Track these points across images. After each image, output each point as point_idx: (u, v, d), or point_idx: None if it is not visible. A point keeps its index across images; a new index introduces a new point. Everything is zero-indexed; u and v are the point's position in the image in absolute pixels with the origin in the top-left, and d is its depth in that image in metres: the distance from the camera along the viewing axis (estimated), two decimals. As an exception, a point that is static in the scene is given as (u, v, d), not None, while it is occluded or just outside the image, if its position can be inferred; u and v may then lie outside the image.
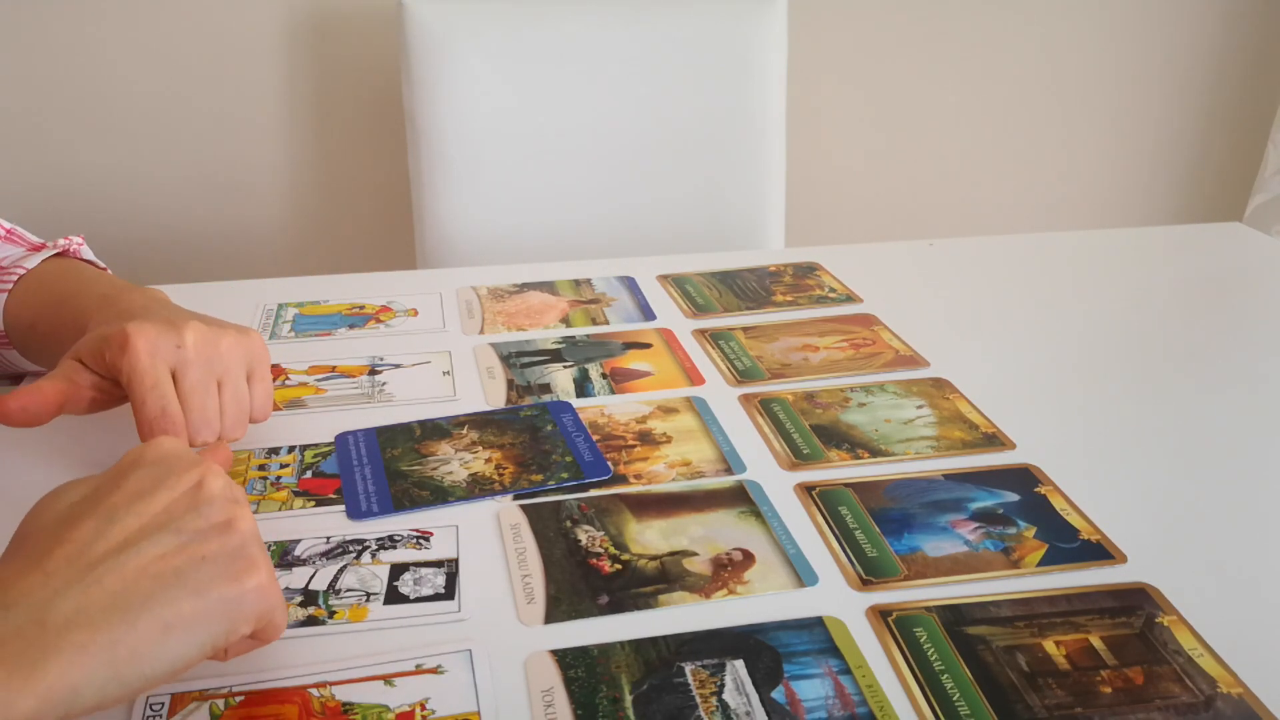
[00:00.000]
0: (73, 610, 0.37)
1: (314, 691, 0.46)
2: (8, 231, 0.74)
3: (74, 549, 0.40)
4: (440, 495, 0.60)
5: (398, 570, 0.54)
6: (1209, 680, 0.48)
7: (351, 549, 0.56)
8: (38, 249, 0.72)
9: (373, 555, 0.55)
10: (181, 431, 0.57)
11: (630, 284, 0.90)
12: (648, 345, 0.79)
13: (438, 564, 0.55)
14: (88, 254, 0.74)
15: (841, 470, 0.63)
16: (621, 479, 0.62)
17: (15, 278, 0.68)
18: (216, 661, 0.45)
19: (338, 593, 0.52)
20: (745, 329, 0.82)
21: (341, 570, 0.54)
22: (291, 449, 0.65)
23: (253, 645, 0.45)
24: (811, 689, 0.47)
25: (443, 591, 0.53)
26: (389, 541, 0.56)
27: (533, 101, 1.25)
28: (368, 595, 0.52)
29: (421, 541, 0.56)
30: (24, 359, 0.70)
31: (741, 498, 0.60)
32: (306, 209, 1.57)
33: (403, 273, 0.95)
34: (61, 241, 0.73)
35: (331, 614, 0.51)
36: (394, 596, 0.52)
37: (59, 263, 0.71)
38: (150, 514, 0.42)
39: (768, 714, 0.46)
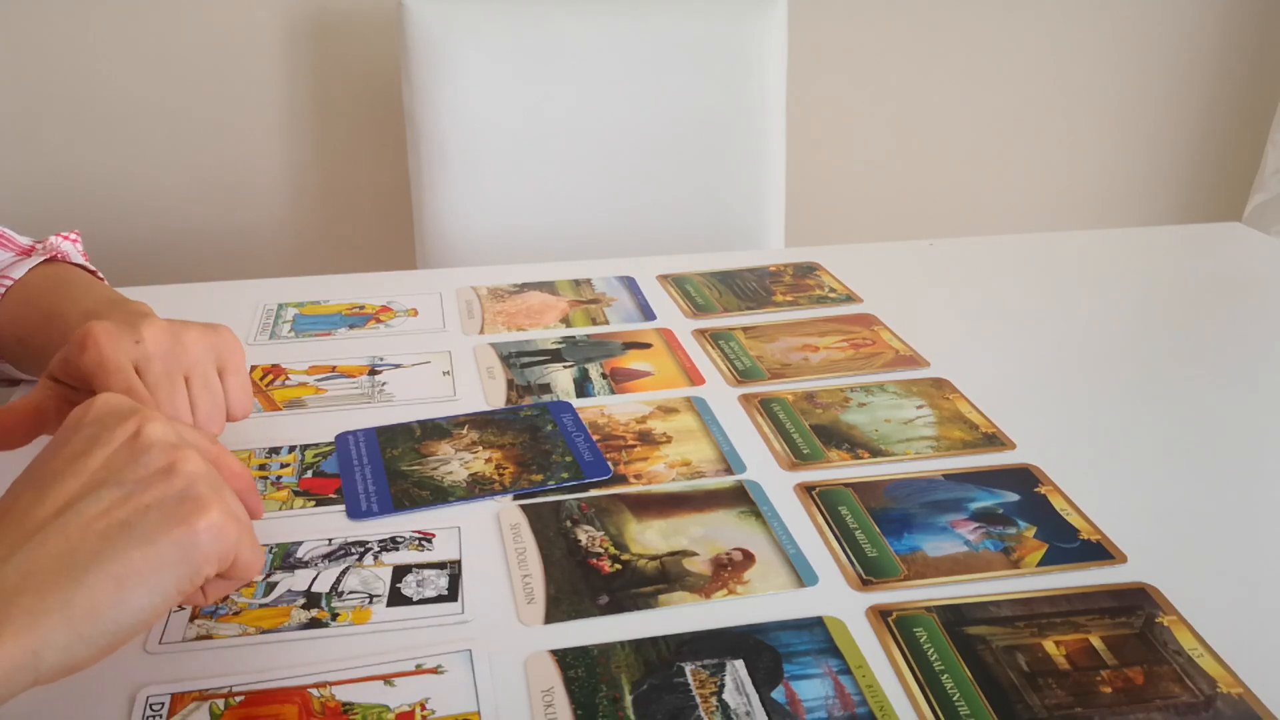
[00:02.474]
0: (18, 576, 0.37)
1: (314, 691, 0.46)
2: None
3: (14, 518, 0.39)
4: (440, 495, 0.60)
5: (400, 572, 0.54)
6: (1209, 680, 0.48)
7: (354, 551, 0.56)
8: (27, 252, 0.71)
9: (375, 557, 0.55)
10: None
11: (630, 284, 0.90)
12: (648, 345, 0.79)
13: (440, 565, 0.55)
14: (77, 257, 0.73)
15: (841, 470, 0.63)
16: (621, 479, 0.62)
17: (3, 289, 0.67)
18: (198, 604, 0.47)
19: (340, 595, 0.52)
20: (745, 329, 0.82)
21: (344, 572, 0.54)
22: (292, 449, 0.65)
23: (229, 585, 0.46)
24: (811, 689, 0.47)
25: (446, 593, 0.53)
26: (391, 543, 0.56)
27: (533, 101, 1.25)
28: (370, 597, 0.52)
29: (424, 543, 0.56)
30: (17, 371, 0.70)
31: (741, 498, 0.61)
32: (306, 209, 1.57)
33: (403, 273, 0.95)
34: (52, 241, 0.72)
35: (335, 616, 0.51)
36: (397, 599, 0.52)
37: (48, 271, 0.69)
38: (88, 472, 0.41)
39: (768, 714, 0.46)
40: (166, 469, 0.42)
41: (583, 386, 0.73)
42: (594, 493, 0.61)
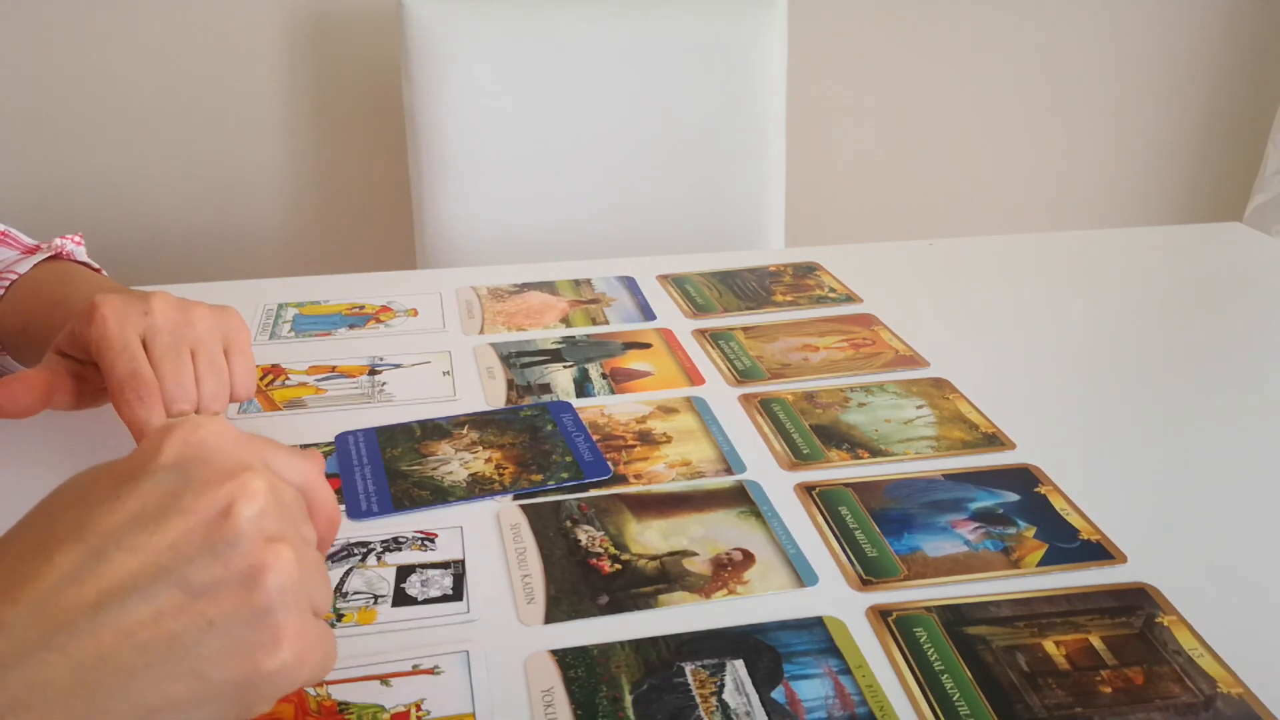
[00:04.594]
0: (24, 686, 0.29)
1: (310, 690, 0.46)
2: (1, 234, 0.74)
3: (44, 589, 0.30)
4: (440, 495, 0.60)
5: (404, 572, 0.54)
6: (1209, 680, 0.48)
7: (356, 551, 0.56)
8: (31, 251, 0.72)
9: (378, 557, 0.55)
10: (155, 395, 0.55)
11: (630, 284, 0.90)
12: (648, 345, 0.79)
13: (444, 565, 0.55)
14: (82, 255, 0.74)
15: (841, 470, 0.63)
16: (621, 479, 0.62)
17: (8, 283, 0.68)
18: None
19: (344, 596, 0.52)
20: (745, 329, 0.82)
21: (348, 573, 0.54)
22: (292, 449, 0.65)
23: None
24: (811, 689, 0.47)
25: (450, 593, 0.53)
26: (394, 543, 0.56)
27: (533, 101, 1.25)
28: (375, 598, 0.52)
29: (427, 543, 0.56)
30: (18, 364, 0.70)
31: (741, 498, 0.60)
32: (306, 209, 1.57)
33: (403, 273, 0.95)
34: (57, 242, 0.72)
35: (340, 617, 0.51)
36: (401, 599, 0.52)
37: (52, 266, 0.70)
38: (151, 551, 0.31)
39: (768, 714, 0.46)
40: (249, 576, 0.31)
41: (583, 386, 0.73)
42: (594, 493, 0.61)
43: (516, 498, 0.60)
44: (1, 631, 0.29)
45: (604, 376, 0.74)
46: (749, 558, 0.55)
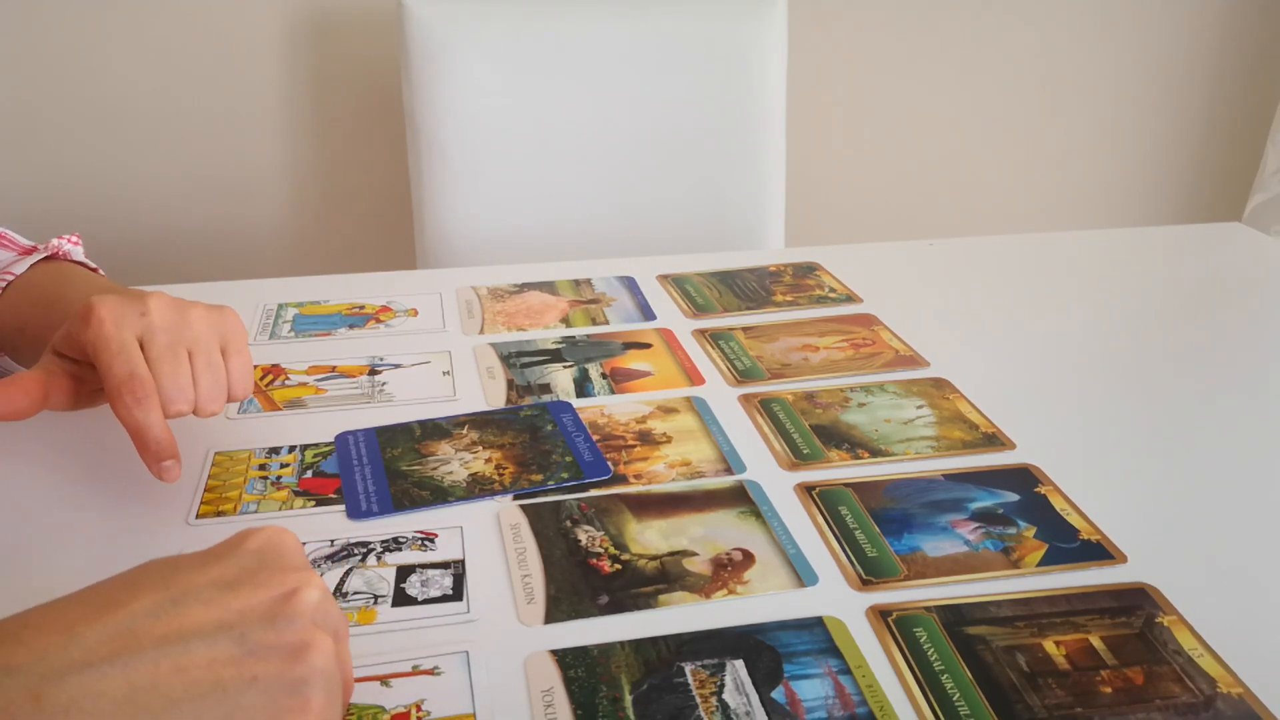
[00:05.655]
0: (79, 693, 0.32)
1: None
2: None
3: (124, 617, 0.34)
4: (440, 495, 0.60)
5: (404, 572, 0.54)
6: (1209, 680, 0.48)
7: (356, 552, 0.56)
8: (28, 252, 0.72)
9: (378, 558, 0.55)
10: (152, 396, 0.55)
11: (630, 284, 0.90)
12: (648, 345, 0.79)
13: (444, 565, 0.55)
14: (79, 256, 0.74)
15: (841, 470, 0.63)
16: (621, 479, 0.62)
17: (4, 283, 0.68)
18: None
19: (345, 596, 0.52)
20: (745, 329, 0.82)
21: (348, 573, 0.54)
22: (292, 449, 0.65)
23: None
24: (811, 689, 0.47)
25: (451, 593, 0.53)
26: (394, 543, 0.56)
27: (533, 101, 1.25)
28: (375, 598, 0.52)
29: (427, 543, 0.56)
30: (16, 364, 0.70)
31: (741, 498, 0.60)
32: (306, 209, 1.57)
33: (403, 273, 0.95)
34: (54, 242, 0.72)
35: None
36: (401, 599, 0.52)
37: (49, 266, 0.70)
38: (223, 608, 0.36)
39: (768, 714, 0.46)
40: (297, 649, 0.36)
41: (583, 386, 0.73)
42: (594, 493, 0.61)
43: (516, 498, 0.60)
44: (76, 641, 0.33)
45: (604, 376, 0.74)
46: (749, 558, 0.55)
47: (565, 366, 0.75)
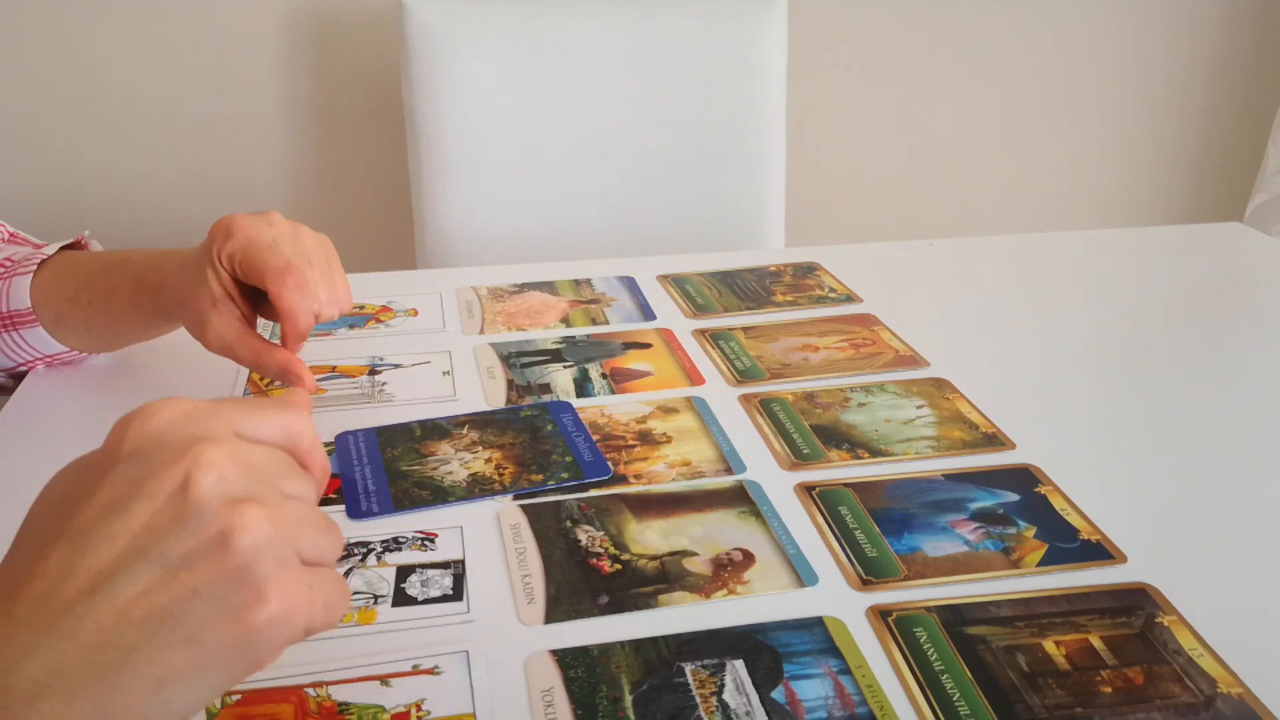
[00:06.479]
0: (44, 672, 0.31)
1: (310, 691, 0.46)
2: (11, 235, 0.75)
3: (43, 587, 0.32)
4: (440, 495, 0.60)
5: (404, 572, 0.54)
6: (1209, 680, 0.48)
7: (356, 551, 0.56)
8: (41, 248, 0.73)
9: (378, 557, 0.55)
10: (308, 285, 0.60)
11: (630, 284, 0.90)
12: (648, 345, 0.79)
13: (444, 565, 0.55)
14: (97, 248, 0.76)
15: (841, 470, 0.63)
16: (621, 479, 0.62)
17: (37, 261, 0.69)
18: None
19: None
20: (745, 329, 0.82)
21: (348, 573, 0.54)
22: (291, 449, 0.65)
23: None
24: (811, 689, 0.47)
25: (451, 593, 0.53)
26: (394, 543, 0.56)
27: (533, 101, 1.25)
28: (375, 598, 0.52)
29: (427, 543, 0.56)
30: (51, 335, 0.70)
31: (741, 498, 0.60)
32: (306, 209, 1.57)
33: (403, 273, 0.95)
34: (85, 235, 0.75)
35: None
36: (402, 599, 0.52)
37: (77, 251, 0.73)
38: (127, 535, 0.33)
39: (768, 714, 0.46)
40: (219, 541, 0.33)
41: (583, 386, 0.73)
42: (594, 493, 0.61)
43: (516, 498, 0.60)
44: (18, 625, 0.32)
45: (604, 376, 0.74)
46: (749, 558, 0.55)
47: (565, 366, 0.75)
